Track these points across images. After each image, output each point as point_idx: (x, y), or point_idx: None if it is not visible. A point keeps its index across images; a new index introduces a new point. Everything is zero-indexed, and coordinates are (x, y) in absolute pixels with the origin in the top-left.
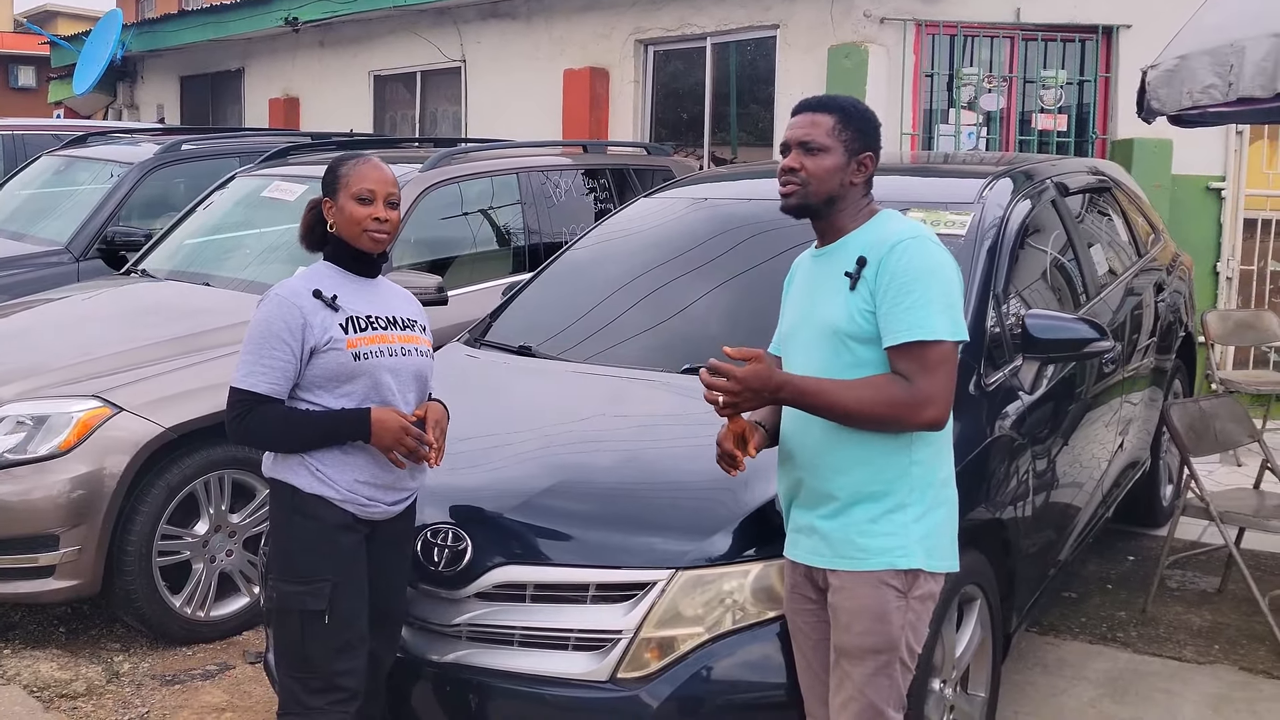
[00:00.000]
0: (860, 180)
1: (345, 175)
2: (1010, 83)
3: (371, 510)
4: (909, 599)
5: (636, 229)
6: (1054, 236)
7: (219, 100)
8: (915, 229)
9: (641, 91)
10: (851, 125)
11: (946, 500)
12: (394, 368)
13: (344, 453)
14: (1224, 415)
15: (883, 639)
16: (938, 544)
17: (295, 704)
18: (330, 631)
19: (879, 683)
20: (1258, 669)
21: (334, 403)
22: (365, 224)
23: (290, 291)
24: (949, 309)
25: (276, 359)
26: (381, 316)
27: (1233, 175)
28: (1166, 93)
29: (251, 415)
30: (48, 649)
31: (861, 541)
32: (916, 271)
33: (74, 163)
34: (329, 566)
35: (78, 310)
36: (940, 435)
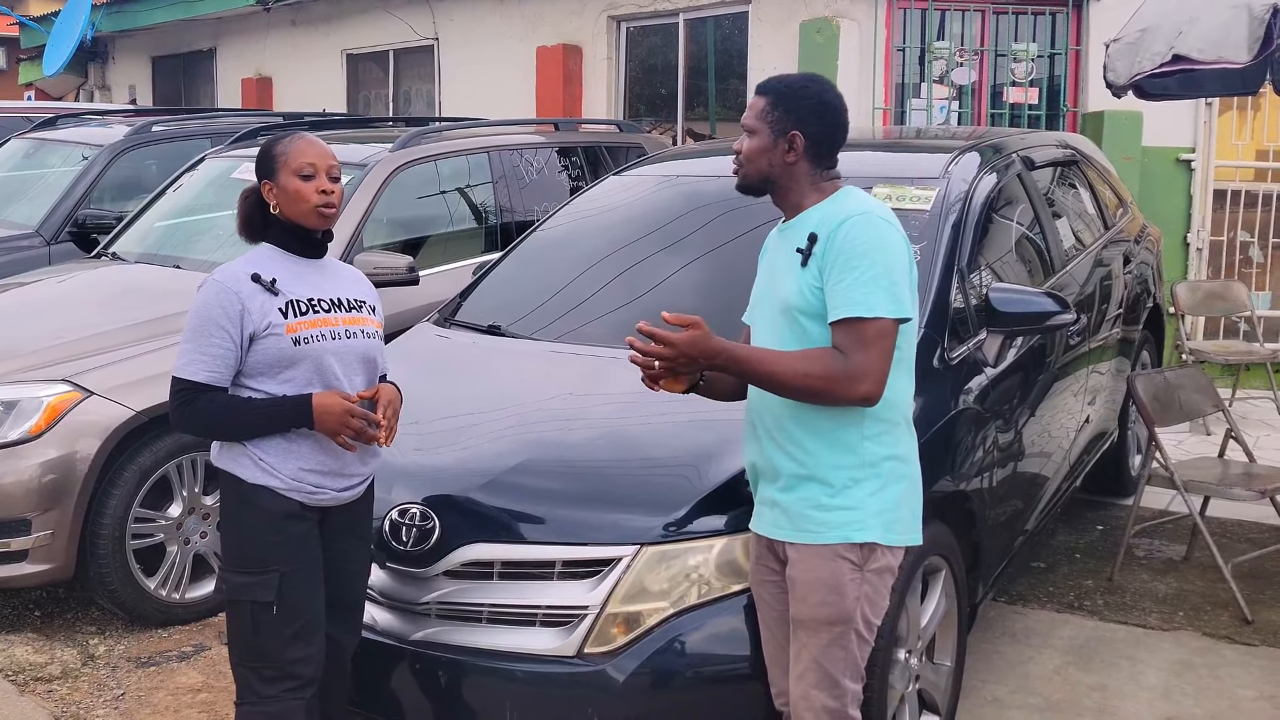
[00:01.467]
0: (795, 159)
1: (282, 154)
2: (981, 56)
3: (319, 498)
4: (864, 572)
5: (606, 207)
6: (1020, 210)
7: (191, 81)
8: (865, 206)
9: (615, 68)
10: (780, 106)
11: (905, 475)
12: (338, 351)
13: (287, 440)
14: (1189, 386)
15: (837, 611)
16: (895, 518)
17: (251, 693)
18: (281, 621)
19: (834, 653)
20: (1220, 634)
21: (277, 389)
22: (312, 199)
23: (228, 277)
24: (889, 286)
25: (215, 346)
26: (324, 299)
27: (1202, 147)
28: (1122, 64)
29: (192, 405)
30: (23, 633)
31: (817, 515)
32: (860, 248)
33: (44, 145)
34: (277, 557)
35: (48, 294)
36: (895, 411)
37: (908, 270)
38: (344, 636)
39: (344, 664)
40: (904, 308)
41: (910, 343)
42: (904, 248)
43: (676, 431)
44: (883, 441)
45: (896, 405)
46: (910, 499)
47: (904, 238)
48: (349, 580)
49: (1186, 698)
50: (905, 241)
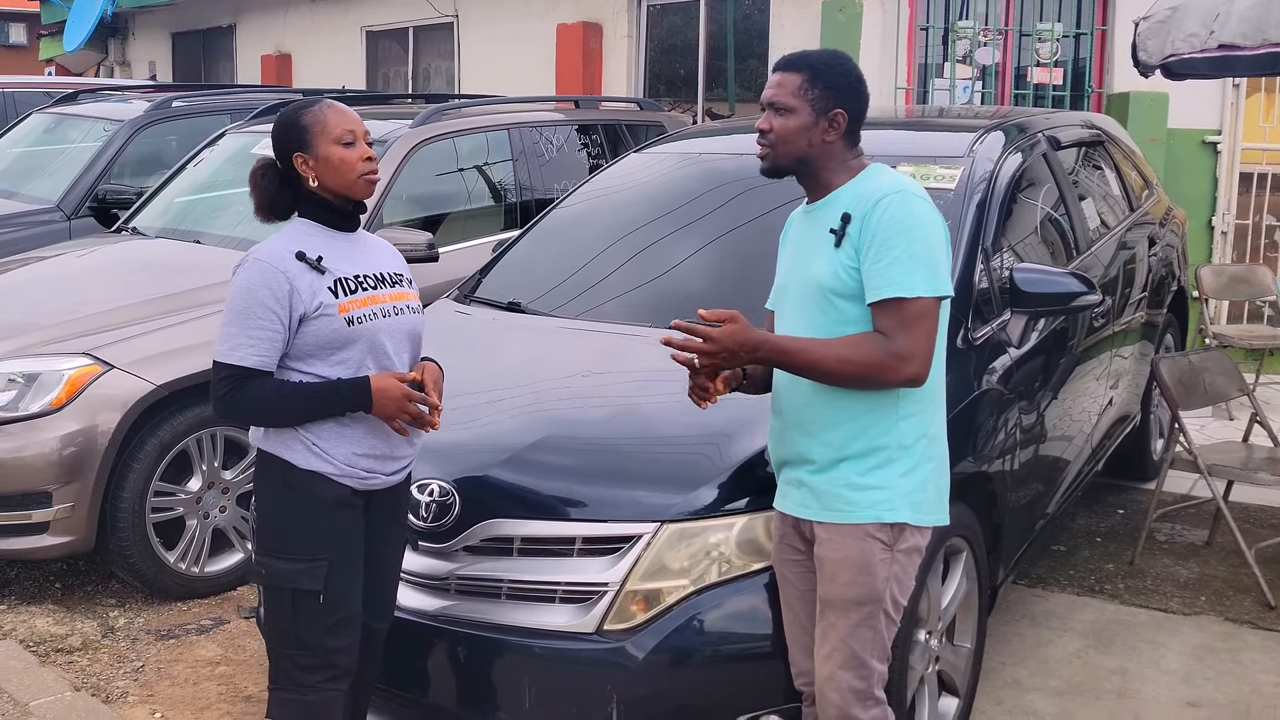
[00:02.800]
0: (835, 138)
1: (317, 123)
2: (1005, 36)
3: (370, 482)
4: (894, 552)
5: (626, 184)
6: (1045, 190)
7: (211, 57)
8: (900, 184)
9: (635, 47)
10: (820, 82)
11: (935, 455)
12: (389, 329)
13: (341, 425)
14: (1213, 369)
15: (867, 590)
16: (925, 498)
17: (287, 680)
18: (325, 610)
19: (862, 634)
20: (1243, 620)
21: (328, 371)
22: (358, 167)
23: (272, 255)
24: (930, 264)
25: (264, 329)
26: (370, 275)
27: (1229, 129)
28: (1154, 44)
29: (241, 391)
30: (43, 604)
31: (848, 495)
32: (898, 227)
33: (64, 120)
34: (326, 545)
35: (69, 268)
36: (929, 390)
37: (945, 246)
38: (378, 623)
39: (377, 651)
40: (945, 285)
41: (944, 320)
42: (940, 224)
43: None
44: (917, 421)
45: (931, 383)
46: (938, 479)
47: (939, 214)
48: (385, 565)
49: (1208, 682)
50: (940, 217)
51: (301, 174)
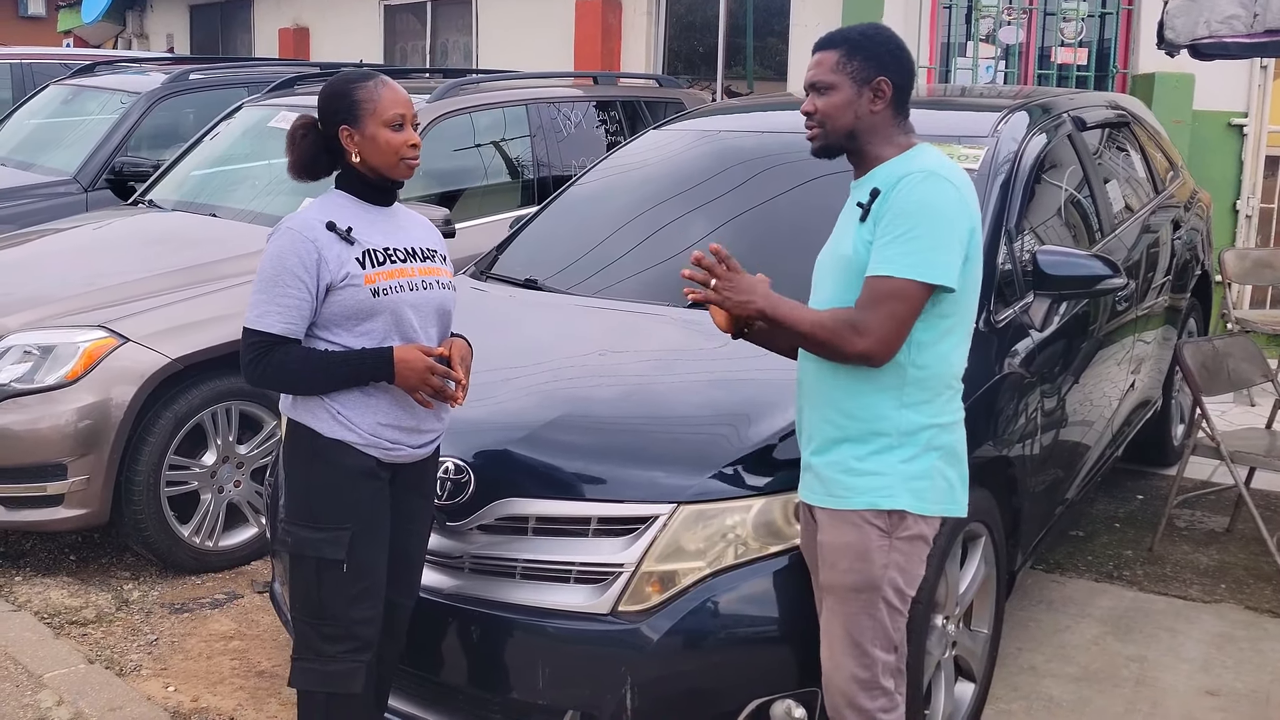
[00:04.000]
0: (882, 107)
1: (369, 100)
2: (1030, 15)
3: (396, 454)
4: (893, 539)
5: (645, 162)
6: (1070, 172)
7: (228, 30)
8: (933, 165)
9: (655, 23)
10: (858, 54)
11: (944, 445)
12: (416, 303)
13: (366, 394)
14: (1237, 354)
15: (864, 578)
16: (929, 487)
17: (310, 651)
18: (348, 580)
19: (862, 621)
20: (1263, 608)
21: (353, 341)
22: (403, 152)
23: (302, 224)
24: (926, 250)
25: (291, 297)
26: (400, 248)
27: (1255, 111)
28: (1183, 22)
29: (268, 358)
30: (58, 577)
31: (846, 480)
32: (910, 208)
33: (82, 92)
34: (350, 515)
35: (85, 241)
36: (939, 379)
37: (960, 236)
38: (403, 599)
39: (401, 628)
40: (934, 273)
41: (963, 310)
42: (960, 212)
43: (715, 389)
44: (922, 410)
45: (940, 374)
46: (948, 469)
47: (965, 201)
48: (411, 540)
49: (1227, 670)
50: (965, 205)
51: (345, 147)
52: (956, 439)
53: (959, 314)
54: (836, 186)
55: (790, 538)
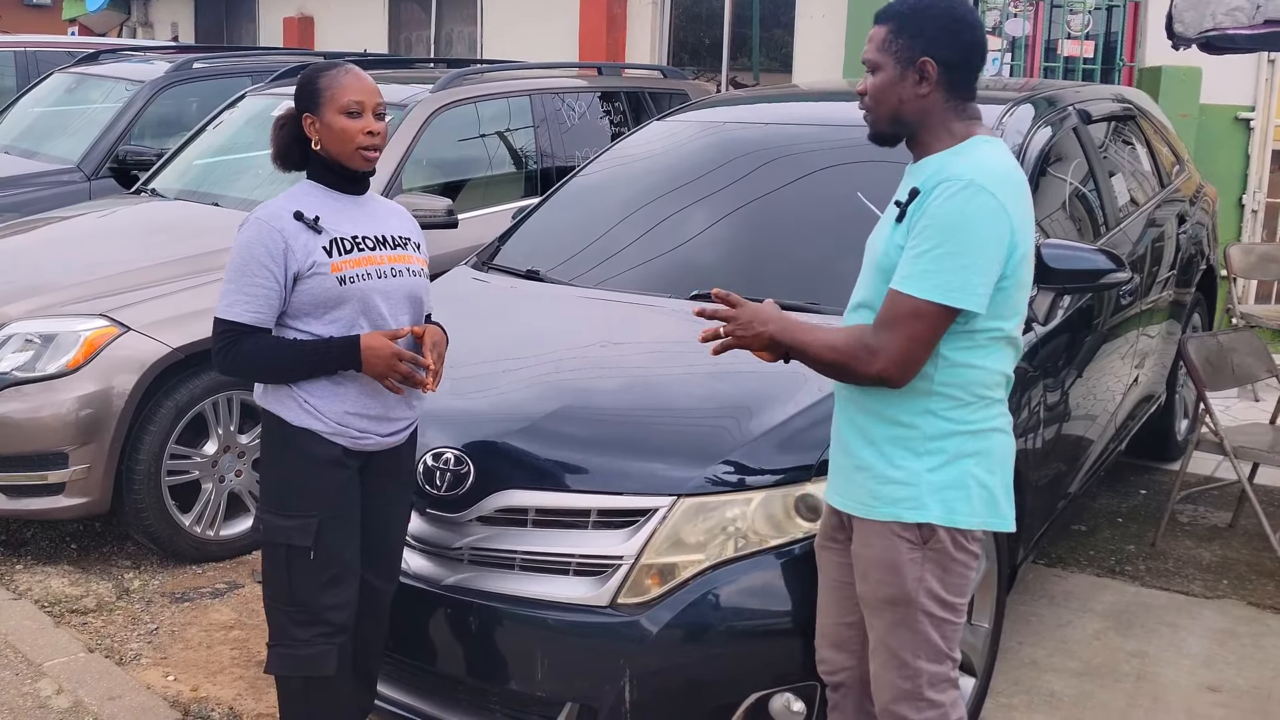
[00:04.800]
0: (929, 90)
1: (327, 88)
2: (1036, 7)
3: (364, 442)
4: (925, 550)
5: (648, 153)
6: (1075, 165)
7: (233, 19)
8: (975, 170)
9: (660, 13)
10: (905, 32)
11: (979, 451)
12: (385, 290)
13: (334, 383)
14: (1242, 349)
15: (896, 591)
16: (962, 497)
17: (284, 636)
18: (316, 566)
19: (900, 634)
20: (1265, 604)
21: (323, 330)
22: (357, 139)
23: (270, 214)
24: (953, 270)
25: (259, 286)
26: (370, 236)
27: (1263, 106)
28: (1192, 16)
29: (237, 347)
30: (59, 565)
31: (874, 487)
32: (942, 222)
33: (85, 80)
34: (317, 502)
35: (87, 229)
36: (968, 390)
37: (995, 254)
38: (382, 584)
39: (382, 612)
40: (960, 296)
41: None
42: (996, 227)
43: (716, 381)
44: (950, 416)
45: (970, 382)
46: (985, 478)
47: (1005, 212)
48: (389, 526)
49: (1229, 666)
50: (1003, 218)
51: (308, 134)
52: (995, 445)
53: (993, 329)
54: (842, 178)
55: (791, 531)
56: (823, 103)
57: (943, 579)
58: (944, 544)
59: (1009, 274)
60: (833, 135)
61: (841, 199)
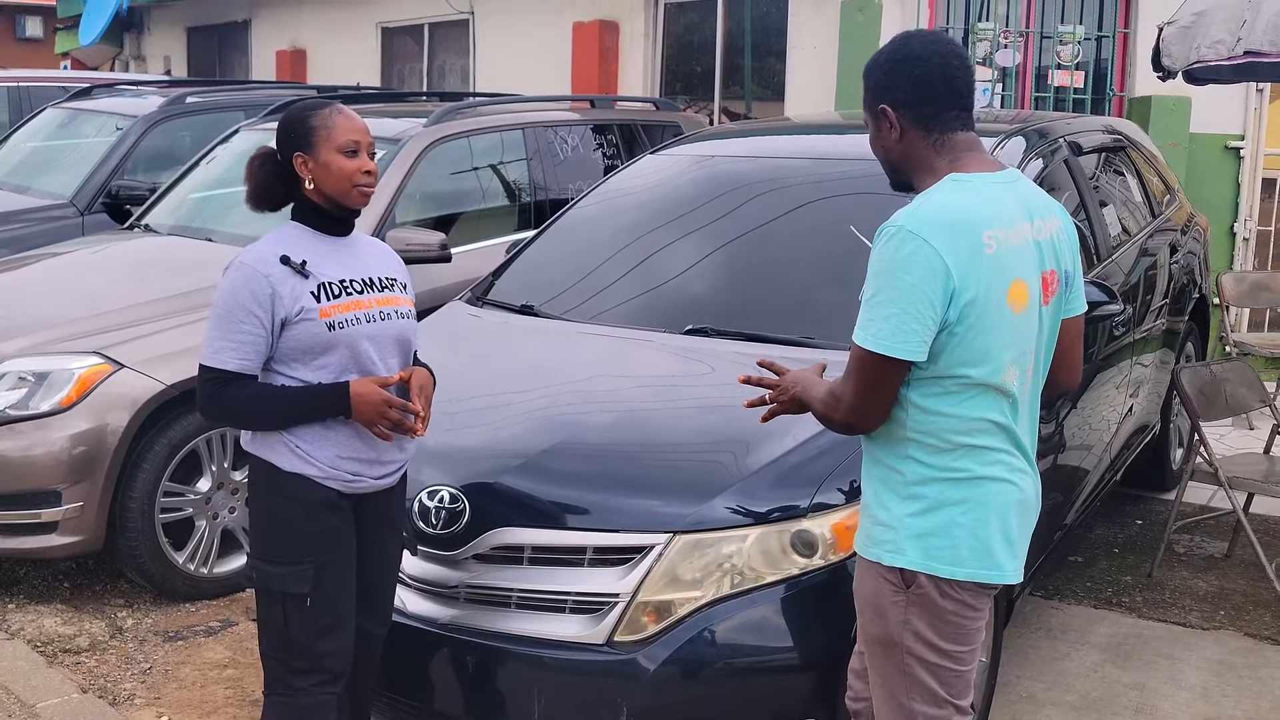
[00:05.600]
0: (899, 133)
1: (322, 127)
2: (1027, 38)
3: (357, 485)
4: (909, 594)
5: (642, 186)
6: (1066, 196)
7: (225, 52)
8: (909, 216)
9: (652, 45)
10: (867, 86)
11: (966, 500)
12: (373, 334)
13: (325, 427)
14: (1235, 379)
15: (882, 631)
16: (944, 545)
17: (280, 685)
18: (313, 613)
19: (891, 674)
20: (1263, 635)
21: (311, 376)
22: (355, 179)
23: (256, 259)
24: (882, 319)
25: (245, 333)
26: (357, 279)
27: (1252, 134)
28: (1179, 49)
29: (222, 395)
30: (52, 604)
31: (869, 528)
32: (873, 268)
33: (79, 115)
34: (312, 548)
35: (81, 265)
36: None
37: (930, 300)
38: (374, 627)
39: (375, 657)
40: (890, 346)
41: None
42: (927, 274)
43: (711, 417)
44: (931, 462)
45: (948, 428)
46: (979, 527)
47: (939, 256)
48: (381, 568)
49: (1226, 698)
50: (938, 263)
51: (299, 174)
52: (988, 494)
53: (959, 376)
54: (835, 212)
55: (787, 567)
56: (815, 136)
57: (934, 625)
58: (926, 590)
59: (956, 319)
60: (826, 169)
61: (835, 233)
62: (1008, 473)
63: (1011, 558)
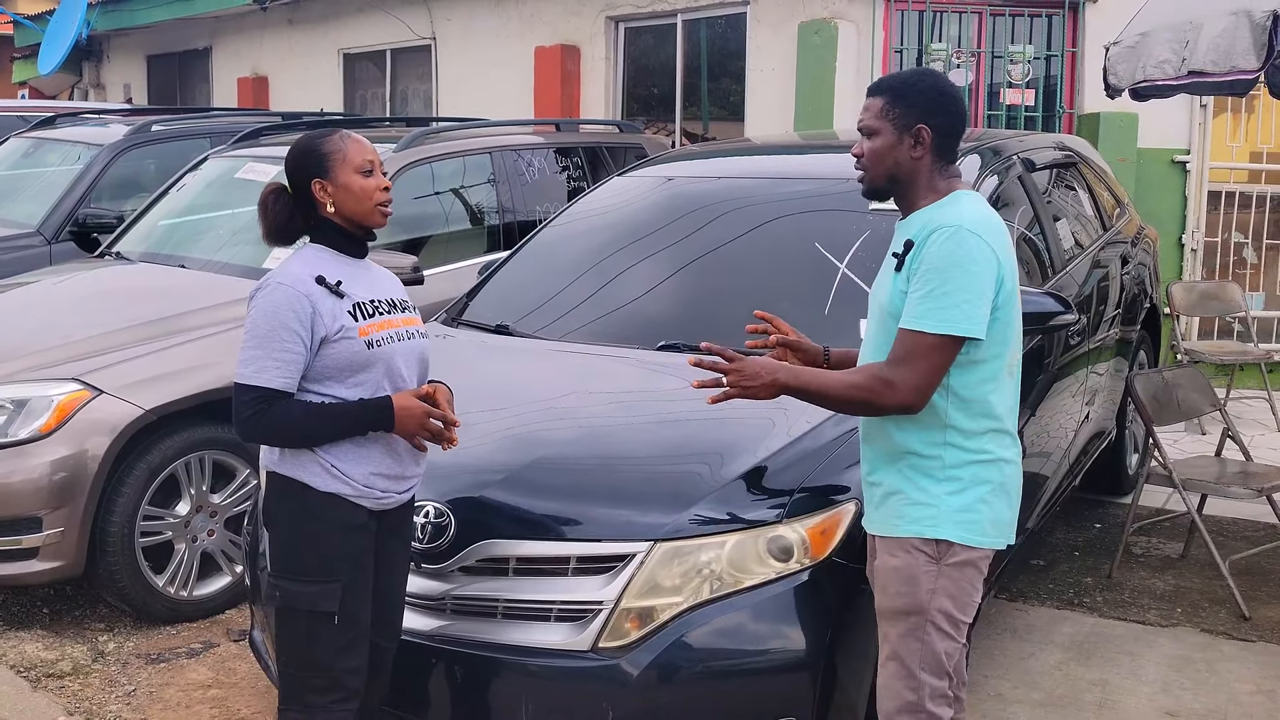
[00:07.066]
0: (923, 154)
1: (338, 151)
2: (979, 58)
3: (385, 501)
4: (941, 565)
5: (610, 207)
6: (1021, 211)
7: (186, 79)
8: (960, 218)
9: (613, 68)
10: (900, 101)
11: (993, 479)
12: (404, 352)
13: (357, 445)
14: (1186, 385)
15: (911, 601)
16: (975, 519)
17: (297, 702)
18: (338, 631)
19: (910, 644)
20: (1218, 630)
21: (346, 393)
22: (376, 196)
23: (293, 279)
24: (953, 305)
25: (288, 351)
26: (383, 300)
27: (1197, 148)
28: (1124, 68)
29: (269, 413)
30: (33, 630)
31: (898, 508)
32: (940, 263)
33: (43, 144)
34: (342, 567)
35: (53, 293)
36: (979, 421)
37: (987, 287)
38: (387, 643)
39: (386, 672)
40: (961, 324)
41: (996, 355)
42: (987, 264)
43: (687, 430)
44: (965, 447)
45: (981, 414)
46: (997, 502)
47: (992, 252)
48: (393, 582)
49: (1185, 692)
50: (991, 256)
51: (319, 200)
52: (1006, 475)
53: (992, 359)
54: (799, 229)
55: (764, 572)
56: (777, 156)
57: (954, 595)
58: (958, 558)
59: (1000, 305)
60: (789, 188)
61: (800, 249)
62: (1014, 455)
63: (1013, 527)
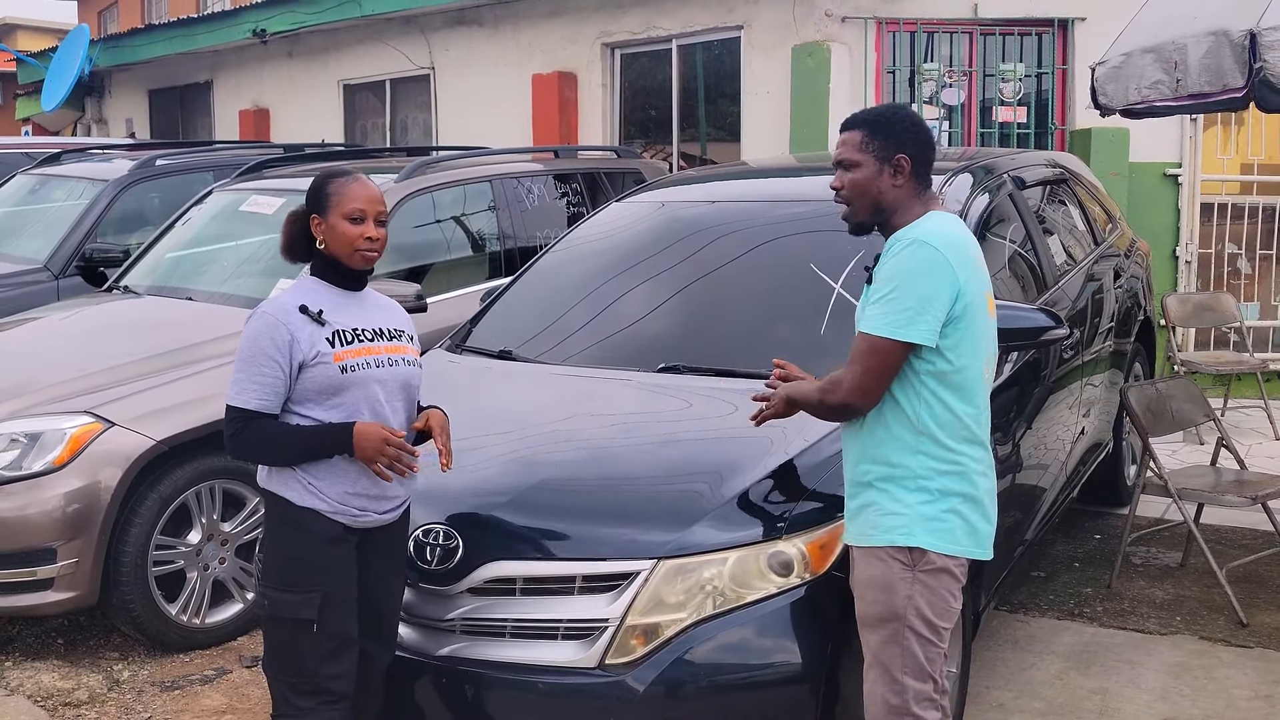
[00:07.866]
0: (903, 182)
1: (335, 194)
2: (970, 77)
3: (363, 520)
4: (916, 573)
5: (610, 233)
6: (1013, 228)
7: (188, 113)
8: (923, 232)
9: (609, 94)
10: (878, 134)
11: (964, 491)
12: (382, 378)
13: (334, 465)
14: (1180, 396)
15: (887, 608)
16: (949, 527)
17: (287, 705)
18: (319, 638)
19: (890, 650)
20: (1216, 638)
21: (325, 415)
22: (357, 244)
23: (277, 309)
24: (901, 309)
25: (265, 375)
26: (368, 329)
27: (1188, 162)
28: (1114, 88)
29: (245, 432)
30: (48, 660)
31: (873, 519)
32: (894, 272)
33: (49, 180)
34: (321, 578)
35: (63, 327)
36: (946, 431)
37: (940, 296)
38: (379, 653)
39: (377, 681)
40: (902, 331)
41: (960, 365)
42: (939, 274)
43: (687, 450)
44: (936, 457)
45: (950, 424)
46: (970, 513)
47: (947, 263)
48: (385, 598)
49: (1184, 699)
50: (945, 267)
51: (314, 233)
52: (978, 487)
53: (961, 370)
54: (795, 251)
55: (765, 587)
56: (773, 179)
57: (930, 601)
58: (932, 565)
59: (959, 315)
60: (783, 210)
61: (796, 271)
62: (986, 467)
63: (990, 538)
